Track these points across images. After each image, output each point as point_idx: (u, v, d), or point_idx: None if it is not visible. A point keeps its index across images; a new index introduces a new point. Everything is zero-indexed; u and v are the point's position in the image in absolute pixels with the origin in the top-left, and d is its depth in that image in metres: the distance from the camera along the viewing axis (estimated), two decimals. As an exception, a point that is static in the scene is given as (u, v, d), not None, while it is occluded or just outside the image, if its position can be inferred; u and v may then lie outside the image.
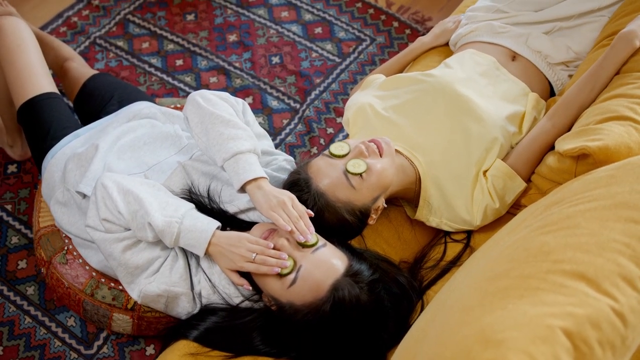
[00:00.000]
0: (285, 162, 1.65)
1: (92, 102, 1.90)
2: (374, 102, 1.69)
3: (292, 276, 1.32)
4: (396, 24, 2.57)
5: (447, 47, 2.01)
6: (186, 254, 1.46)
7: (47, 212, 1.77)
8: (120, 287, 1.64)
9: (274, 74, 2.42)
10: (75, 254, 1.68)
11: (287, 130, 2.28)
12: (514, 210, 1.58)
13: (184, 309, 1.46)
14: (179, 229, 1.37)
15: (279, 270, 1.31)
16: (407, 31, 2.55)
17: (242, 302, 1.43)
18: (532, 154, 1.56)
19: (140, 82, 2.38)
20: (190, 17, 2.57)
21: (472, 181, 1.55)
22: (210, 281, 1.43)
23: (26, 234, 2.01)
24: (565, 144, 1.44)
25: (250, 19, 2.57)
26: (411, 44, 2.04)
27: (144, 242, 1.43)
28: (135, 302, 1.62)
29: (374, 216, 1.48)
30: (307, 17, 2.58)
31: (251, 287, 1.39)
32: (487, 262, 1.12)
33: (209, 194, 1.52)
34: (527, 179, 1.57)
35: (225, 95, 1.56)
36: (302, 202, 1.40)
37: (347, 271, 1.33)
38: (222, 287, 1.44)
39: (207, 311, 1.44)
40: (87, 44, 2.47)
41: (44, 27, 2.50)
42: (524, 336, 0.88)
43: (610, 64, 1.56)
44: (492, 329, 0.91)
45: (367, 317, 1.32)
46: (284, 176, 1.55)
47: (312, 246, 1.34)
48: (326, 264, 1.32)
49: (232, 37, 2.52)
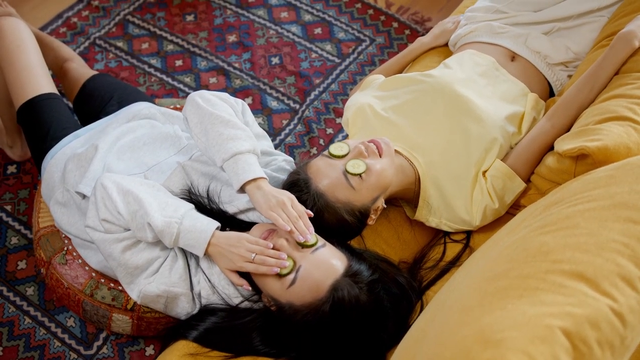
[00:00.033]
0: (284, 163, 1.65)
1: (92, 103, 1.90)
2: (373, 103, 1.69)
3: (291, 276, 1.32)
4: (396, 25, 2.57)
5: (446, 48, 2.01)
6: (186, 255, 1.47)
7: (47, 213, 1.77)
8: (119, 288, 1.64)
9: (273, 75, 2.42)
10: (74, 254, 1.68)
11: (286, 130, 2.28)
12: (513, 210, 1.58)
13: (184, 309, 1.46)
14: (179, 229, 1.37)
15: (278, 270, 1.31)
16: (407, 32, 2.55)
17: (242, 302, 1.43)
18: (531, 154, 1.57)
19: (139, 83, 2.38)
20: (189, 17, 2.57)
21: (471, 181, 1.55)
22: (209, 281, 1.43)
23: (26, 234, 2.01)
24: (564, 144, 1.44)
25: (249, 20, 2.57)
26: (410, 45, 2.04)
27: (144, 243, 1.43)
28: (134, 303, 1.62)
29: (373, 216, 1.48)
30: (307, 17, 2.58)
31: (250, 288, 1.39)
32: (486, 263, 1.12)
33: (208, 195, 1.52)
34: (527, 179, 1.58)
35: (224, 95, 1.56)
36: (302, 202, 1.40)
37: (347, 271, 1.33)
38: (222, 288, 1.44)
39: (206, 311, 1.44)
40: (86, 44, 2.47)
41: (43, 27, 2.51)
42: (523, 336, 0.88)
43: (609, 64, 1.56)
44: (491, 329, 0.91)
45: (366, 317, 1.32)
46: (284, 176, 1.55)
47: (311, 246, 1.34)
48: (325, 264, 1.32)
49: (232, 38, 2.52)
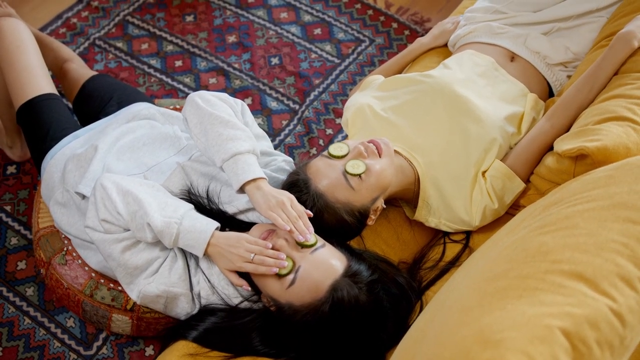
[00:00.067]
0: (284, 163, 1.65)
1: (92, 103, 1.90)
2: (372, 103, 1.70)
3: (291, 277, 1.32)
4: (395, 25, 2.57)
5: (446, 48, 2.02)
6: (185, 255, 1.47)
7: (47, 213, 1.77)
8: (119, 288, 1.64)
9: (273, 75, 2.42)
10: (74, 254, 1.68)
11: (286, 131, 2.28)
12: (512, 210, 1.58)
13: (183, 309, 1.46)
14: (178, 229, 1.37)
15: (276, 270, 1.31)
16: (406, 32, 2.55)
17: (241, 302, 1.43)
18: (530, 154, 1.57)
19: (139, 83, 2.38)
20: (189, 18, 2.57)
21: (471, 182, 1.55)
22: (209, 282, 1.43)
23: (25, 234, 2.01)
24: (563, 144, 1.44)
25: (249, 20, 2.57)
26: (410, 45, 2.04)
27: (143, 243, 1.43)
28: (134, 303, 1.62)
29: (373, 217, 1.48)
30: (307, 18, 2.59)
31: (250, 288, 1.39)
32: (486, 263, 1.12)
33: (208, 195, 1.52)
34: (526, 180, 1.58)
35: (224, 96, 1.56)
36: (301, 202, 1.40)
37: (346, 272, 1.33)
38: (221, 288, 1.44)
39: (206, 312, 1.44)
40: (86, 45, 2.47)
41: (43, 28, 2.51)
42: (523, 336, 0.88)
43: (608, 64, 1.56)
44: (490, 330, 0.91)
45: (366, 317, 1.32)
46: (283, 177, 1.55)
47: (311, 246, 1.34)
48: (325, 265, 1.32)
49: (232, 38, 2.52)
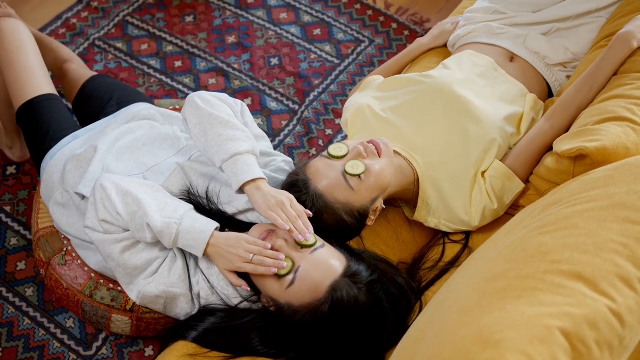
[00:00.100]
0: (283, 164, 1.65)
1: (91, 104, 1.91)
2: (372, 103, 1.70)
3: (290, 277, 1.32)
4: (395, 26, 2.57)
5: (445, 49, 2.02)
6: (185, 255, 1.47)
7: (46, 214, 1.77)
8: (119, 288, 1.64)
9: (272, 76, 2.42)
10: (74, 255, 1.68)
11: (285, 131, 2.28)
12: (512, 211, 1.58)
13: (183, 309, 1.46)
14: (178, 229, 1.37)
15: (275, 270, 1.31)
16: (406, 32, 2.55)
17: (241, 303, 1.43)
18: (530, 154, 1.57)
19: (139, 84, 2.38)
20: (189, 18, 2.58)
21: (470, 182, 1.56)
22: (208, 282, 1.44)
23: (25, 235, 2.01)
24: (563, 144, 1.45)
25: (249, 21, 2.57)
26: (410, 46, 2.04)
27: (143, 243, 1.43)
28: (134, 303, 1.62)
29: (372, 217, 1.48)
30: (306, 18, 2.59)
31: (249, 288, 1.39)
32: (485, 263, 1.12)
33: (207, 195, 1.52)
34: (526, 180, 1.58)
35: (223, 96, 1.56)
36: (301, 203, 1.40)
37: (346, 272, 1.33)
38: (221, 288, 1.44)
39: (205, 312, 1.44)
40: (86, 45, 2.47)
41: (43, 28, 2.51)
42: (522, 336, 0.88)
43: (608, 65, 1.56)
44: (490, 330, 0.91)
45: (365, 317, 1.32)
46: (283, 177, 1.55)
47: (310, 246, 1.34)
48: (325, 265, 1.32)
49: (231, 39, 2.52)
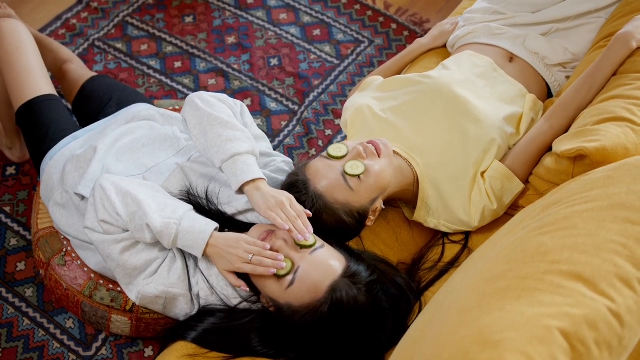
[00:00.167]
0: (283, 164, 1.65)
1: (91, 104, 1.91)
2: (372, 104, 1.70)
3: (290, 277, 1.32)
4: (394, 26, 2.58)
5: (445, 49, 2.02)
6: (184, 255, 1.47)
7: (46, 214, 1.77)
8: (118, 289, 1.64)
9: (272, 76, 2.42)
10: (73, 255, 1.68)
11: (285, 132, 2.28)
12: (511, 211, 1.58)
13: (182, 310, 1.46)
14: (177, 230, 1.37)
15: (274, 271, 1.31)
16: (405, 33, 2.55)
17: (240, 303, 1.43)
18: (529, 155, 1.57)
19: (138, 84, 2.38)
20: (188, 19, 2.58)
21: (469, 182, 1.56)
22: (208, 282, 1.44)
23: (25, 235, 2.01)
24: (562, 145, 1.45)
25: (248, 21, 2.57)
26: (409, 46, 2.04)
27: (142, 244, 1.43)
28: (133, 304, 1.62)
29: (372, 217, 1.48)
30: (306, 19, 2.59)
31: (249, 289, 1.39)
32: (484, 263, 1.12)
33: (207, 196, 1.52)
34: (525, 180, 1.58)
35: (223, 97, 1.56)
36: (301, 203, 1.40)
37: (345, 272, 1.33)
38: (220, 289, 1.44)
39: (205, 312, 1.44)
40: (85, 46, 2.47)
41: (42, 29, 2.51)
42: (522, 337, 0.88)
43: (607, 65, 1.56)
44: (489, 330, 0.91)
45: (365, 318, 1.32)
46: (282, 178, 1.55)
47: (310, 247, 1.34)
48: (324, 265, 1.32)
49: (231, 39, 2.52)
